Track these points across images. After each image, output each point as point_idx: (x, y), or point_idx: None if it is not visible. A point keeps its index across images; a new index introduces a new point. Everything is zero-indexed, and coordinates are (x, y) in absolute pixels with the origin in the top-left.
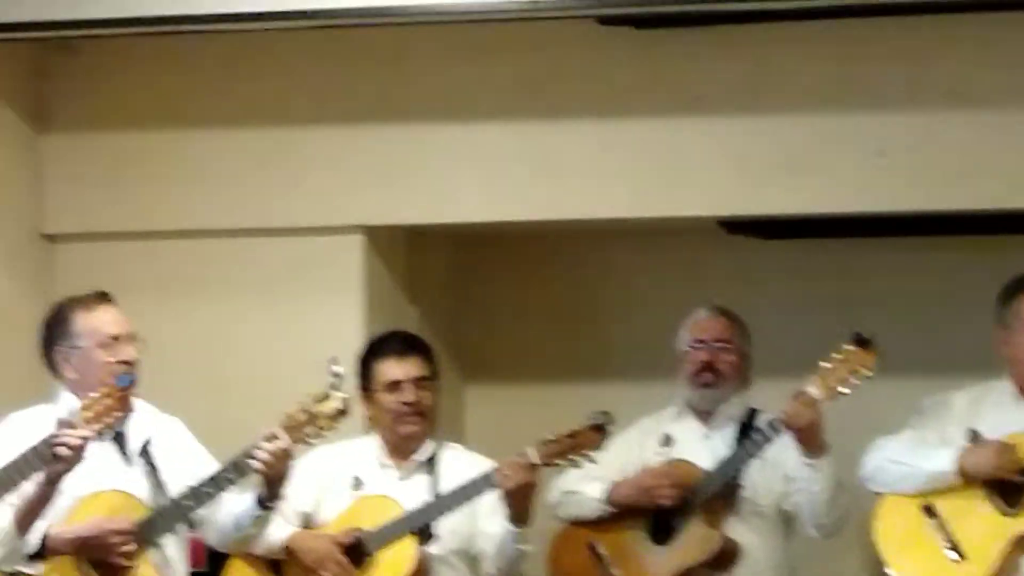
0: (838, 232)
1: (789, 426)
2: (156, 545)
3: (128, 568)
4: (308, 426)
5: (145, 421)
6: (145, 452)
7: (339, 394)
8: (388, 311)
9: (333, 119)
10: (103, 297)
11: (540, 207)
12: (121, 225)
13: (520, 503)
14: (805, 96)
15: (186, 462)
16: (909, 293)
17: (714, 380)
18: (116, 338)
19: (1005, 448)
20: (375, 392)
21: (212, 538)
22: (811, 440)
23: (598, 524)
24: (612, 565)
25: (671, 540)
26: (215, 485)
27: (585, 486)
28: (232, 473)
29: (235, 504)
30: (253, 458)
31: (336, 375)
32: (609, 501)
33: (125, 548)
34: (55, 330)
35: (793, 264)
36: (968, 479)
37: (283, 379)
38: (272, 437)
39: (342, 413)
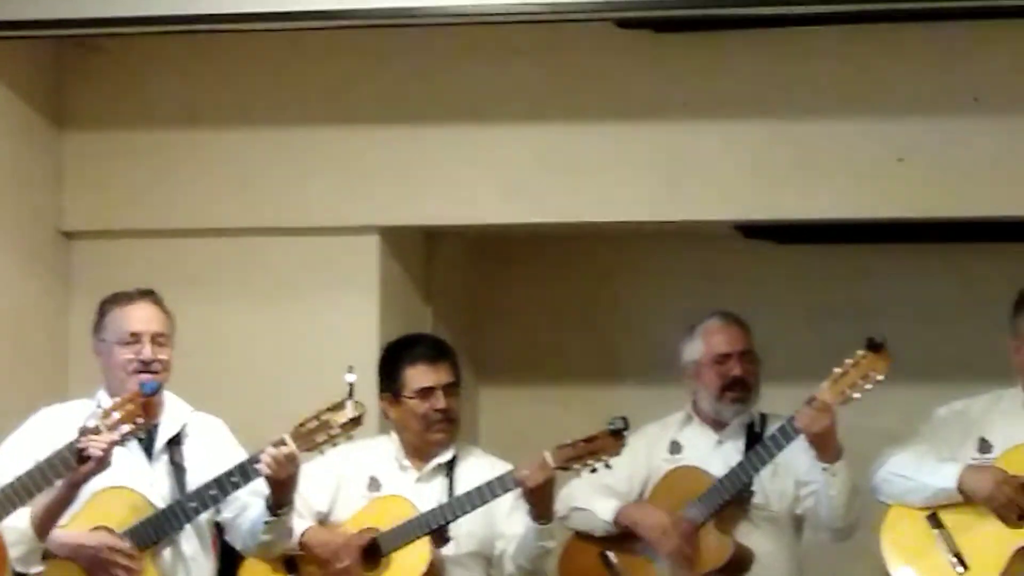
0: (854, 238)
1: (804, 432)
2: (159, 545)
3: None
4: (320, 434)
5: (178, 419)
6: (170, 451)
7: (353, 404)
8: (403, 311)
9: (350, 119)
10: (142, 294)
11: (556, 209)
12: (139, 223)
13: (542, 502)
14: (823, 101)
15: (219, 463)
16: (924, 299)
17: (745, 394)
18: (136, 336)
19: (1002, 480)
20: (403, 397)
21: (237, 543)
22: (826, 445)
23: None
24: (623, 573)
25: None
26: (220, 487)
27: (595, 503)
28: (237, 476)
29: (256, 511)
30: (259, 462)
31: (350, 384)
32: (616, 524)
33: (127, 566)
34: (96, 322)
35: (808, 269)
36: (968, 498)
37: (298, 379)
38: (280, 443)
39: (356, 423)
